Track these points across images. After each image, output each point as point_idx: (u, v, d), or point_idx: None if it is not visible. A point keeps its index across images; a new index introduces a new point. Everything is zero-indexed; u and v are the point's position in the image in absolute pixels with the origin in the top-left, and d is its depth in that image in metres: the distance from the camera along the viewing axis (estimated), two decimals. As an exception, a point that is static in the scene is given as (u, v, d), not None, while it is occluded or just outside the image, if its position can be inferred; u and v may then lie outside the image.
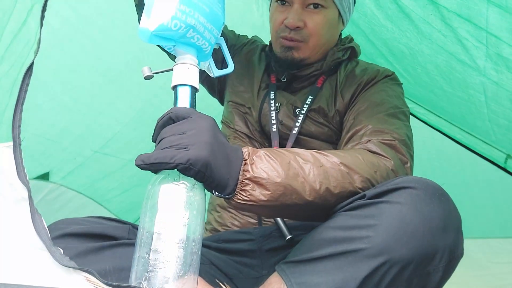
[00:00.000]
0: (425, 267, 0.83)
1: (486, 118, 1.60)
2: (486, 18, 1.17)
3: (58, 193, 2.16)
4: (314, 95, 1.27)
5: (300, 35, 1.24)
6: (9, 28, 0.81)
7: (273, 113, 1.28)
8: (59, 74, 1.89)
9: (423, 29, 1.41)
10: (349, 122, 1.19)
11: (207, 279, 1.01)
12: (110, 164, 2.21)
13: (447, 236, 0.84)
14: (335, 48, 1.32)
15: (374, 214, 0.84)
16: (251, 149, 0.87)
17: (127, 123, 2.13)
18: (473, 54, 1.33)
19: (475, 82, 1.45)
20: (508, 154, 1.90)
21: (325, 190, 0.89)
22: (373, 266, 0.81)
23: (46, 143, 2.00)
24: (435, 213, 0.84)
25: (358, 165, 0.94)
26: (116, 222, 1.03)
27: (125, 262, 0.85)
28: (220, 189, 0.82)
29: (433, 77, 1.62)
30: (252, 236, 1.19)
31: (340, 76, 1.30)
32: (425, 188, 0.86)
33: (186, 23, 0.85)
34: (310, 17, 1.23)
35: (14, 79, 0.79)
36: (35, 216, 0.75)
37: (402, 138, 1.08)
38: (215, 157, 0.79)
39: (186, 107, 0.85)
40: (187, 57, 0.88)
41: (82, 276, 0.73)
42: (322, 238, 0.88)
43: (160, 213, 0.76)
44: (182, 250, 0.75)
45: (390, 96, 1.21)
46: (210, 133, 0.80)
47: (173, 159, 0.75)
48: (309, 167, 0.89)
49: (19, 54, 0.81)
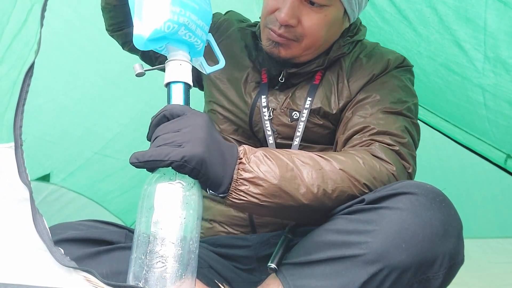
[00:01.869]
0: (425, 273, 0.83)
1: (485, 120, 1.60)
2: (484, 21, 1.17)
3: (58, 195, 2.16)
4: (313, 95, 1.13)
5: (292, 33, 1.07)
6: (9, 28, 0.80)
7: (267, 122, 1.14)
8: (60, 76, 1.89)
9: (421, 31, 1.40)
10: (348, 115, 1.10)
11: (206, 282, 1.00)
12: (111, 166, 2.20)
13: (447, 242, 0.83)
14: (341, 41, 1.15)
15: (373, 219, 0.83)
16: (248, 148, 0.86)
17: (128, 124, 2.13)
18: (471, 56, 1.32)
19: (473, 84, 1.44)
20: (508, 154, 1.90)
21: (323, 193, 0.88)
22: (372, 272, 0.80)
23: (46, 145, 2.00)
24: (435, 219, 0.83)
25: (358, 170, 0.92)
26: (113, 227, 1.02)
27: (122, 265, 0.85)
28: (214, 187, 0.81)
29: (432, 79, 1.62)
30: (249, 242, 1.16)
31: (345, 64, 1.15)
32: (426, 194, 0.85)
33: (178, 23, 0.84)
34: (307, 14, 1.05)
35: (14, 79, 0.78)
36: (37, 216, 0.75)
37: (404, 141, 1.03)
38: (210, 154, 0.78)
39: (180, 105, 0.84)
40: (179, 54, 0.88)
41: (82, 276, 0.73)
42: (321, 241, 0.88)
43: (157, 213, 0.76)
44: (179, 249, 0.75)
45: (396, 88, 1.11)
46: (205, 130, 0.79)
47: (168, 157, 0.74)
48: (307, 170, 0.88)
49: (19, 55, 0.80)
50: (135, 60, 1.92)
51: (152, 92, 1.99)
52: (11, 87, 0.78)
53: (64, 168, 2.14)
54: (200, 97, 1.40)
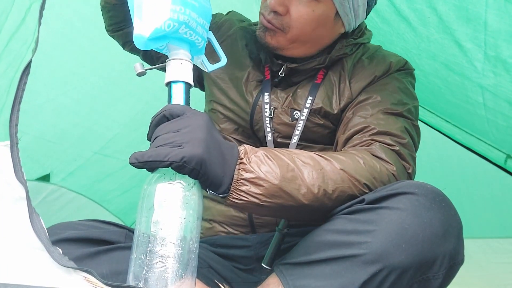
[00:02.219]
0: (425, 273, 0.83)
1: (484, 120, 1.60)
2: (484, 21, 1.17)
3: (58, 195, 2.16)
4: (314, 94, 1.13)
5: (279, 21, 1.08)
6: (7, 27, 0.80)
7: (267, 119, 1.14)
8: (60, 75, 1.89)
9: (421, 32, 1.40)
10: (349, 115, 1.11)
11: (206, 282, 1.00)
12: (111, 165, 2.21)
13: (447, 242, 0.83)
14: (344, 42, 1.16)
15: (373, 219, 0.83)
16: (249, 148, 0.86)
17: (127, 124, 2.13)
18: (471, 56, 1.32)
19: (473, 84, 1.44)
20: (508, 154, 1.90)
21: (323, 193, 0.87)
22: (372, 272, 0.80)
23: (46, 145, 2.00)
24: (435, 219, 0.83)
25: (359, 170, 0.92)
26: (113, 226, 1.02)
27: (122, 265, 0.85)
28: (214, 187, 0.81)
29: (432, 79, 1.62)
30: (249, 242, 1.16)
31: (348, 65, 1.16)
32: (426, 194, 0.85)
33: (179, 21, 0.83)
34: (295, 5, 1.06)
35: (11, 78, 0.78)
36: (33, 215, 0.74)
37: (404, 141, 1.04)
38: (210, 155, 0.78)
39: (180, 105, 0.84)
40: (180, 53, 0.87)
41: (81, 276, 0.73)
42: (321, 241, 0.88)
43: (156, 213, 0.75)
44: (179, 249, 0.74)
45: (397, 90, 1.12)
46: (205, 130, 0.79)
47: (167, 157, 0.74)
48: (308, 170, 0.87)
49: (17, 53, 0.80)
50: (135, 60, 1.91)
51: (152, 92, 1.99)
52: (8, 86, 0.78)
53: (64, 168, 2.14)
54: (200, 97, 1.40)
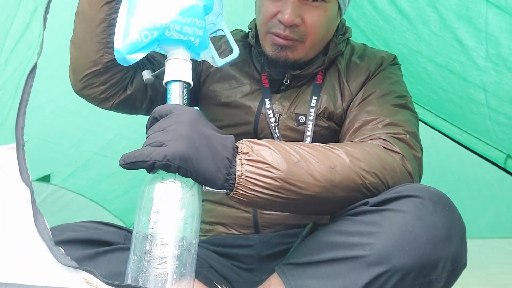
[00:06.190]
0: (427, 276, 0.83)
1: (486, 117, 1.60)
2: (485, 19, 1.17)
3: (58, 195, 2.16)
4: (318, 94, 1.13)
5: (297, 33, 1.08)
6: (13, 31, 0.81)
7: (273, 126, 1.13)
8: (60, 77, 1.88)
9: (422, 30, 1.41)
10: (354, 111, 1.11)
11: (206, 282, 0.99)
12: (111, 166, 2.20)
13: (450, 245, 0.83)
14: (336, 40, 1.17)
15: (376, 221, 0.83)
16: (252, 142, 0.86)
17: (128, 125, 2.13)
18: (472, 54, 1.33)
19: (475, 81, 1.45)
20: (508, 154, 1.90)
21: (331, 184, 0.86)
22: (374, 273, 0.80)
23: (46, 145, 2.00)
24: (438, 222, 0.83)
25: (367, 159, 0.90)
26: (112, 227, 1.02)
27: (121, 267, 0.84)
28: (209, 183, 0.80)
29: (433, 77, 1.62)
30: (251, 242, 1.15)
31: (341, 66, 1.17)
32: (430, 197, 0.85)
33: (156, 28, 0.83)
34: (308, 12, 1.07)
35: (17, 82, 0.79)
36: (38, 216, 0.75)
37: (412, 131, 1.04)
38: (196, 150, 0.77)
39: (169, 104, 0.84)
40: (177, 52, 0.87)
41: (83, 276, 0.73)
42: (323, 241, 0.87)
43: (155, 213, 0.75)
44: (178, 250, 0.75)
45: (395, 83, 1.14)
46: (189, 126, 0.78)
47: (149, 157, 0.75)
48: (314, 160, 0.87)
49: (23, 57, 0.81)
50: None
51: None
52: (15, 90, 0.78)
53: (64, 168, 2.14)
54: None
